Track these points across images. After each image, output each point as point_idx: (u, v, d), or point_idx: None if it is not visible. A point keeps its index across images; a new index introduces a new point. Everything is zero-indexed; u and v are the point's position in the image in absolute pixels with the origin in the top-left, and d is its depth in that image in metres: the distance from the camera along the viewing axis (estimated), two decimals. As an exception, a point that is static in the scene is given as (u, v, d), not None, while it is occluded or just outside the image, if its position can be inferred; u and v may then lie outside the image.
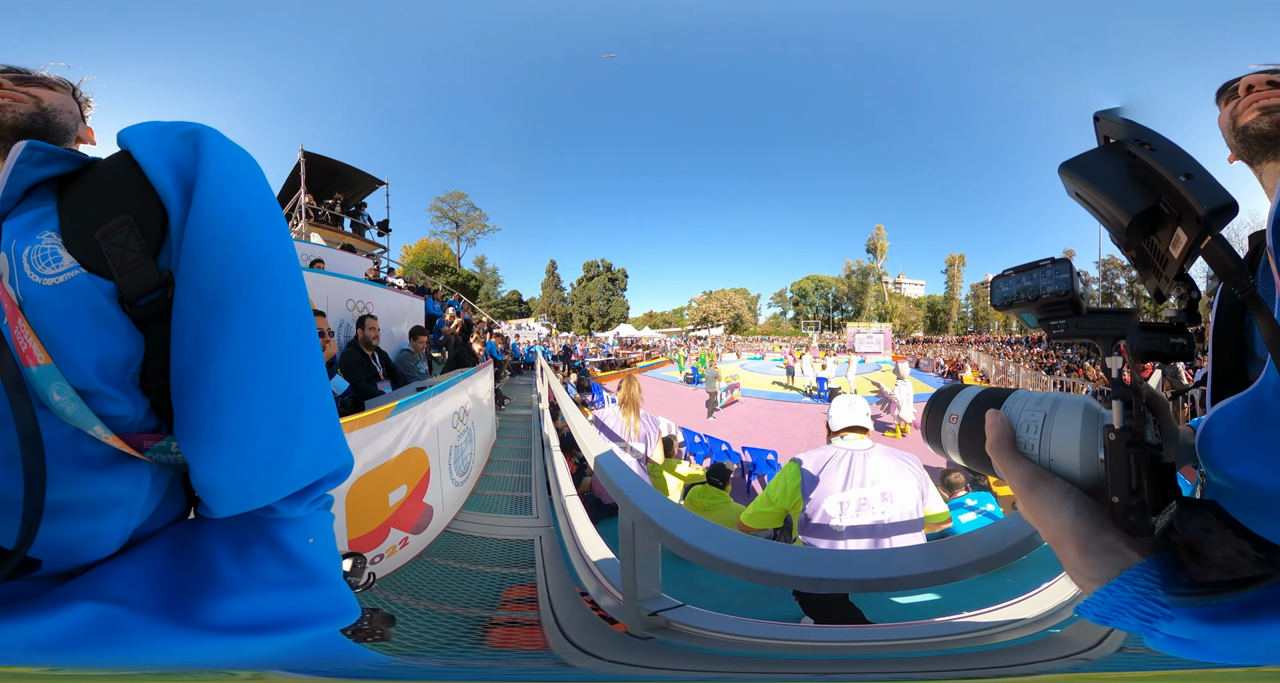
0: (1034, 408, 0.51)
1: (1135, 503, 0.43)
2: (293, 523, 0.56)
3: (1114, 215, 0.50)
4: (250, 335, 0.46)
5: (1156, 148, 0.49)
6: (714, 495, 3.73)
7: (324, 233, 12.10)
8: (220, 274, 0.46)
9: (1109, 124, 0.55)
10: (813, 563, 1.54)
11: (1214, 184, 0.46)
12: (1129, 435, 0.44)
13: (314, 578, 0.54)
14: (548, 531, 3.28)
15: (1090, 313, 0.51)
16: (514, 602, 2.51)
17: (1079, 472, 0.47)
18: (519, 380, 10.46)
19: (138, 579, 0.47)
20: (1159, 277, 0.53)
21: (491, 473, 4.65)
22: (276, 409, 0.48)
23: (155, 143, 0.47)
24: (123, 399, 0.47)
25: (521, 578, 2.75)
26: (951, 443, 0.57)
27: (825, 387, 15.38)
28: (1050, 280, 0.51)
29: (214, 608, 0.46)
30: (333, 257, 8.59)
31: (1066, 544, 0.45)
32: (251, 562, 0.51)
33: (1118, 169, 0.51)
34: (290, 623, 0.50)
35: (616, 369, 20.68)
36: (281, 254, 0.50)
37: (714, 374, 13.83)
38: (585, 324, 42.77)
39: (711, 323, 45.04)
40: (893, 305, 43.88)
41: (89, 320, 0.44)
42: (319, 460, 0.54)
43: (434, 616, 2.42)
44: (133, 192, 0.46)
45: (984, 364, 19.56)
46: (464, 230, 42.60)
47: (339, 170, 13.31)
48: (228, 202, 0.47)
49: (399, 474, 3.00)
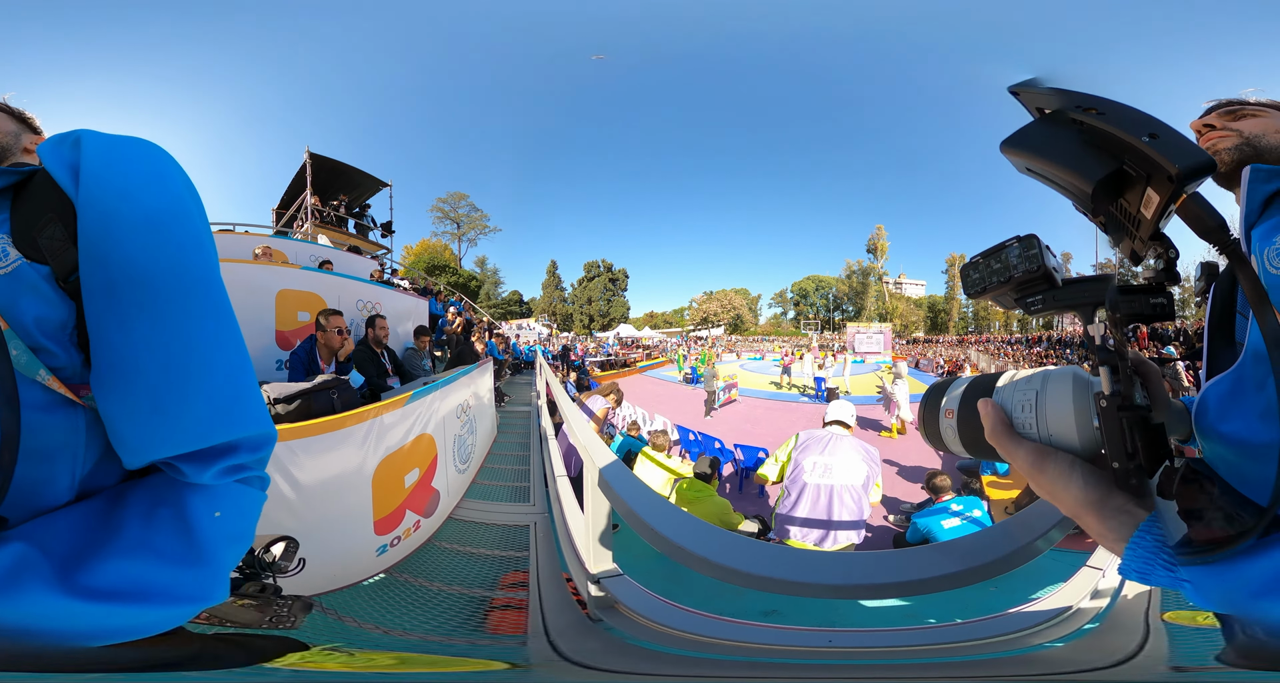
0: (1024, 388, 0.51)
1: (1134, 466, 0.44)
2: (204, 492, 0.57)
3: (1075, 184, 0.49)
4: (129, 289, 0.52)
5: (1106, 112, 0.48)
6: (700, 488, 3.94)
7: (329, 234, 12.17)
8: (101, 240, 0.52)
9: (1035, 95, 0.55)
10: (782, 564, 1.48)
11: (1183, 141, 0.45)
12: (1119, 400, 0.45)
13: (200, 556, 0.54)
14: (542, 517, 3.42)
15: (1066, 283, 0.50)
16: (510, 586, 2.65)
17: (1078, 442, 0.47)
18: (519, 379, 10.61)
19: (64, 529, 0.51)
20: (1133, 238, 0.52)
21: (492, 464, 4.80)
22: (157, 351, 0.53)
23: (53, 153, 0.55)
24: (60, 353, 0.55)
25: (518, 562, 2.88)
26: (953, 439, 0.56)
27: (823, 387, 15.55)
28: (1019, 259, 0.50)
29: (96, 569, 0.49)
30: (340, 258, 8.64)
31: (1085, 514, 0.46)
32: (153, 526, 0.54)
33: (1067, 137, 0.50)
34: (147, 595, 0.50)
35: (616, 369, 20.83)
36: (161, 216, 0.55)
37: (712, 374, 14.00)
38: (586, 324, 42.84)
39: (712, 323, 45.07)
40: (893, 306, 43.84)
41: (30, 295, 0.53)
42: (221, 418, 0.56)
43: (444, 596, 2.56)
44: (51, 194, 0.55)
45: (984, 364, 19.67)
46: (465, 231, 42.75)
47: (344, 172, 13.36)
48: (104, 179, 0.54)
49: (413, 458, 3.17)
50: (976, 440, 0.54)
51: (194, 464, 0.55)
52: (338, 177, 13.28)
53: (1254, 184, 0.58)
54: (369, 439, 2.76)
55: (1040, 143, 0.51)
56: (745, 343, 39.51)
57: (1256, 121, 0.70)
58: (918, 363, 24.72)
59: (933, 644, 1.55)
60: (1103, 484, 0.46)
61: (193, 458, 0.55)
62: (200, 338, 0.55)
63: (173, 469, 0.56)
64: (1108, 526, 0.45)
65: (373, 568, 2.75)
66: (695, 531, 1.57)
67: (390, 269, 12.42)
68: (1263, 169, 0.58)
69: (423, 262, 36.99)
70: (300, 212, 12.61)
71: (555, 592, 2.27)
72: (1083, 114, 0.50)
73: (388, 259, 13.89)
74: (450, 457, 3.79)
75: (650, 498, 1.79)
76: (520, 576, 2.70)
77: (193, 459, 0.55)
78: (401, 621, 2.30)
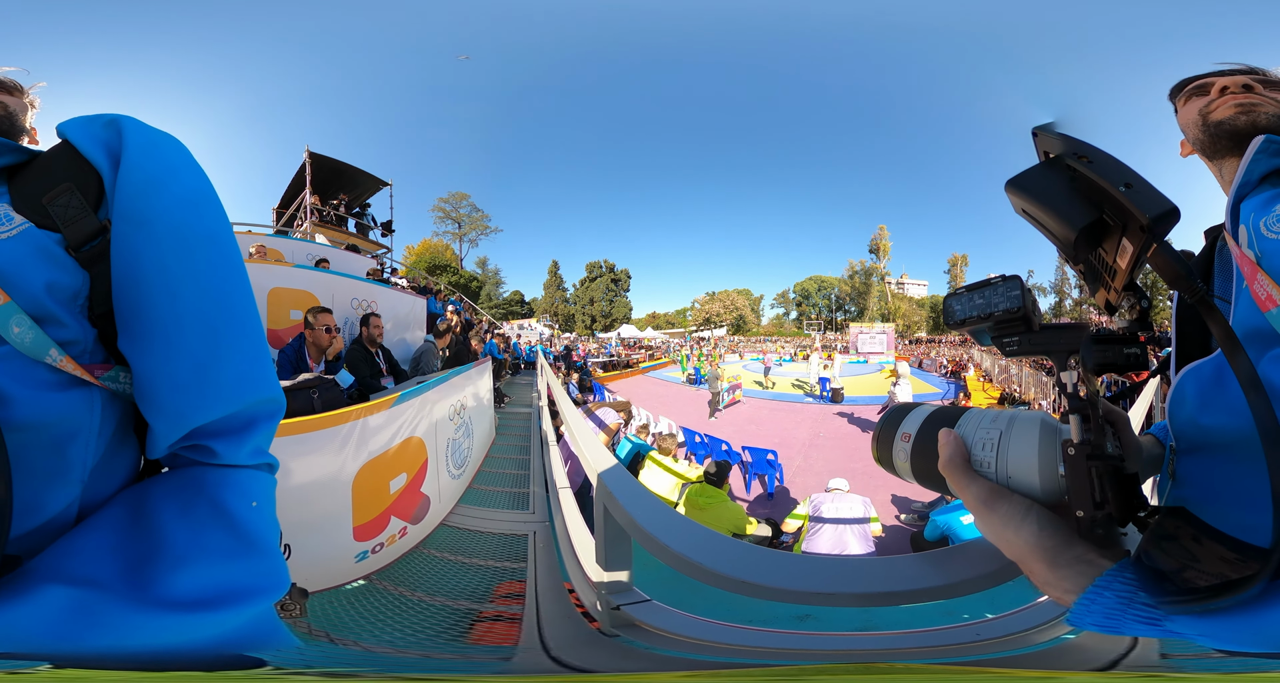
0: (989, 426, 0.51)
1: (1101, 516, 0.43)
2: (235, 485, 0.57)
3: (1061, 231, 0.50)
4: (172, 248, 0.54)
5: (1094, 161, 0.49)
6: (711, 494, 3.79)
7: (328, 233, 12.16)
8: (145, 204, 0.54)
9: (1047, 139, 0.55)
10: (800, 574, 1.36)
11: (1154, 192, 0.46)
12: (1088, 449, 0.44)
13: (253, 545, 0.54)
14: (543, 526, 3.32)
15: (1042, 328, 0.51)
16: (503, 597, 2.55)
17: (1039, 488, 0.47)
18: (520, 380, 10.52)
19: (97, 553, 0.48)
20: (1108, 289, 0.53)
21: (490, 469, 4.70)
22: (198, 309, 0.54)
23: (85, 129, 0.55)
24: (72, 324, 0.52)
25: (515, 573, 2.78)
26: (904, 463, 0.57)
27: (827, 387, 15.42)
28: (1002, 298, 0.51)
29: (167, 581, 0.47)
30: (337, 256, 8.62)
31: (1033, 560, 0.45)
32: (196, 526, 0.52)
33: (1060, 184, 0.51)
34: (233, 595, 0.50)
35: (619, 369, 20.72)
36: (199, 196, 0.57)
37: (715, 375, 13.87)
38: (588, 325, 42.81)
39: (714, 324, 45.01)
40: (895, 306, 43.77)
41: (39, 258, 0.51)
42: (248, 380, 0.58)
43: (424, 607, 2.45)
44: (71, 166, 0.54)
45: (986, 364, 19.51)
46: (466, 231, 42.79)
47: (344, 171, 13.34)
48: (149, 156, 0.55)
49: (399, 462, 3.06)
50: (928, 469, 0.54)
51: (228, 440, 0.56)
52: (338, 176, 13.26)
53: (1259, 155, 0.55)
54: (350, 442, 2.65)
55: (1034, 187, 0.52)
56: (748, 344, 39.40)
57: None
58: (920, 363, 24.60)
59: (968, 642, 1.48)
60: (1061, 533, 0.45)
61: (228, 438, 0.56)
62: (235, 301, 0.57)
63: (204, 451, 0.56)
64: (1059, 574, 0.43)
65: (350, 574, 2.65)
66: (709, 544, 1.47)
67: (390, 268, 12.33)
68: (1276, 140, 0.55)
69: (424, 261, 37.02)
70: (300, 211, 12.53)
71: (556, 604, 2.17)
72: (1075, 161, 0.50)
73: (387, 258, 13.87)
74: (443, 461, 3.70)
75: (658, 510, 1.65)
76: (516, 586, 2.60)
77: (228, 439, 0.56)
78: (375, 632, 2.21)
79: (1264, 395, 0.42)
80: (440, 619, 2.34)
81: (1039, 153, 0.58)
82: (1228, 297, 0.56)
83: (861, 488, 6.56)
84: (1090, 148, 0.51)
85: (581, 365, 17.51)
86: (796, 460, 8.16)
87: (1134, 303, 0.51)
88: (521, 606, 2.33)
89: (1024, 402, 11.93)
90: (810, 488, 6.76)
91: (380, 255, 13.24)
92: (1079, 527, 0.44)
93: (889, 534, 4.94)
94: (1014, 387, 14.46)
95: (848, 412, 12.57)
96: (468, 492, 4.09)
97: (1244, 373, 0.43)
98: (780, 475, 6.83)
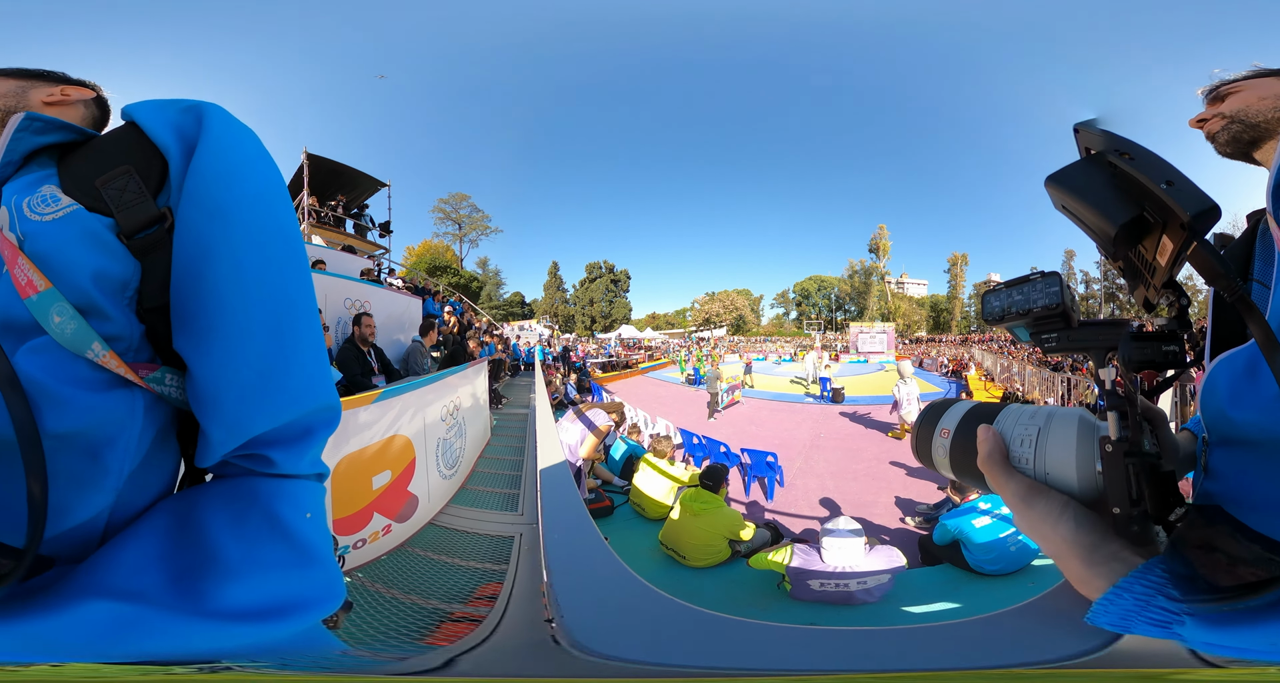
0: (1028, 422, 0.51)
1: (1137, 513, 0.43)
2: (289, 495, 0.55)
3: (1100, 227, 0.50)
4: (248, 242, 0.50)
5: (1136, 157, 0.49)
6: (707, 499, 3.70)
7: (326, 234, 12.13)
8: (223, 193, 0.50)
9: (1088, 135, 0.55)
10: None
11: (1195, 190, 0.46)
12: (1126, 446, 0.44)
13: (310, 557, 0.52)
14: (530, 528, 3.29)
15: (1081, 325, 0.51)
16: (480, 598, 2.52)
17: (1076, 485, 0.47)
18: (518, 381, 10.47)
19: (141, 563, 0.46)
20: (1147, 286, 0.54)
21: (484, 469, 4.67)
22: (269, 309, 0.51)
23: (158, 112, 0.52)
24: (119, 318, 0.49)
25: (499, 575, 2.74)
26: (943, 458, 0.57)
27: (828, 387, 15.35)
28: (1040, 294, 0.51)
29: (220, 593, 0.46)
30: (334, 258, 8.62)
31: (1069, 558, 0.45)
32: (250, 538, 0.50)
33: (1101, 180, 0.51)
34: (290, 607, 0.49)
35: (618, 370, 20.67)
36: (277, 192, 0.55)
37: (715, 375, 13.79)
38: (588, 326, 42.78)
39: (714, 324, 44.98)
40: (896, 305, 43.74)
41: (87, 243, 0.47)
42: (312, 386, 0.55)
43: (397, 605, 2.41)
44: (134, 149, 0.51)
45: (988, 363, 19.44)
46: (466, 232, 42.77)
47: (342, 172, 13.32)
48: (231, 144, 0.52)
49: (383, 459, 3.05)
50: (966, 464, 0.54)
51: (287, 450, 0.54)
52: (336, 177, 13.23)
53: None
54: None
55: (1075, 183, 0.52)
56: (748, 344, 39.36)
57: (1236, 98, 0.70)
58: (921, 362, 24.57)
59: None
60: (1098, 530, 0.45)
61: (289, 447, 0.54)
62: (303, 304, 0.55)
63: (260, 461, 0.54)
64: (1094, 571, 0.43)
65: None
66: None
67: (388, 269, 12.28)
68: None
69: (424, 262, 37.03)
70: (297, 212, 12.48)
71: (524, 607, 2.12)
72: (1117, 158, 0.49)
73: (385, 259, 13.80)
74: (432, 460, 3.68)
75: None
76: (497, 588, 2.57)
77: (289, 448, 0.54)
78: (347, 630, 2.17)
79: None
80: (405, 618, 2.31)
81: (1080, 149, 0.57)
82: (1267, 281, 0.56)
83: (864, 489, 6.48)
84: (1132, 144, 0.50)
85: (580, 366, 17.45)
86: (797, 462, 8.07)
87: (1173, 300, 0.51)
88: (491, 607, 2.30)
89: (1028, 400, 11.85)
90: (811, 491, 6.66)
91: (378, 256, 13.20)
92: (1114, 524, 0.44)
93: (894, 537, 4.86)
94: (1016, 385, 14.38)
95: (849, 412, 12.49)
96: (460, 492, 4.06)
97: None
98: (780, 478, 6.74)
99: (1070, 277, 36.67)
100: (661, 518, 3.98)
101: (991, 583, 3.36)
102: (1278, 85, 0.69)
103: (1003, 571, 3.37)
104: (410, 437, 3.34)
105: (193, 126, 0.51)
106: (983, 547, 3.40)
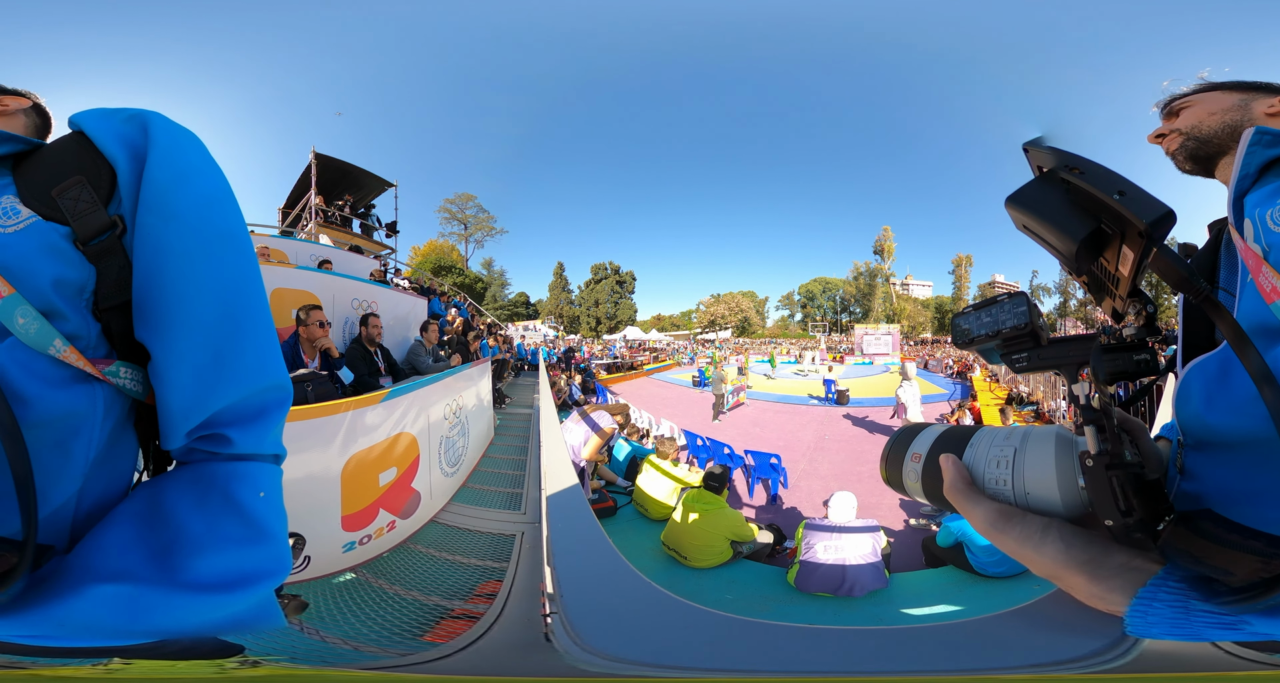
0: (1003, 444, 0.50)
1: (1133, 521, 0.42)
2: (244, 476, 0.59)
3: (1061, 244, 0.51)
4: (198, 240, 0.55)
5: (1085, 171, 0.49)
6: (709, 500, 3.71)
7: (333, 234, 12.20)
8: (175, 198, 0.55)
9: (1038, 153, 0.55)
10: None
11: (1148, 197, 0.46)
12: (1107, 459, 0.44)
13: (262, 532, 0.57)
14: (532, 527, 3.30)
15: (1051, 342, 0.51)
16: (480, 596, 2.54)
17: (1060, 501, 0.46)
18: (522, 381, 10.50)
19: (123, 546, 0.50)
20: (1113, 297, 0.54)
21: (486, 468, 4.69)
22: (220, 298, 0.56)
23: (104, 122, 0.56)
24: (76, 319, 0.52)
25: (499, 573, 2.76)
26: (915, 484, 0.57)
27: (832, 389, 15.30)
28: (1009, 314, 0.51)
29: (189, 566, 0.50)
30: (340, 257, 8.63)
31: (1070, 575, 0.44)
32: (212, 517, 0.54)
33: (1056, 198, 0.51)
34: (245, 579, 0.52)
35: (623, 371, 20.66)
36: (222, 192, 0.59)
37: (720, 377, 13.77)
38: (593, 327, 42.79)
39: (719, 326, 44.89)
40: (900, 307, 43.49)
41: (47, 254, 0.51)
42: (263, 365, 0.59)
43: (398, 601, 2.45)
44: (84, 159, 0.55)
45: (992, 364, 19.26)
46: (472, 232, 42.84)
47: (349, 172, 13.40)
48: (178, 153, 0.56)
49: (389, 456, 3.10)
50: (937, 491, 0.54)
51: (243, 429, 0.58)
52: (343, 177, 13.31)
53: (1254, 147, 0.55)
54: (339, 434, 2.71)
55: (1032, 202, 0.53)
56: (754, 346, 39.25)
57: (1189, 113, 0.71)
58: (926, 364, 24.44)
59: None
60: (1095, 544, 0.45)
61: (240, 421, 0.57)
62: (252, 293, 0.59)
63: (220, 441, 0.58)
64: (1107, 584, 0.43)
65: (337, 565, 2.69)
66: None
67: (394, 269, 12.34)
68: (1267, 132, 0.54)
69: (430, 262, 37.12)
70: (305, 211, 12.56)
71: (522, 605, 2.16)
72: (1068, 173, 0.50)
73: (392, 259, 13.87)
74: (435, 458, 3.72)
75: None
76: (497, 585, 2.59)
77: (246, 427, 0.58)
78: (341, 622, 2.20)
79: (1277, 389, 0.42)
80: (407, 614, 2.34)
81: (1032, 168, 0.57)
82: (1233, 290, 0.56)
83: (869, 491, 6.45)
84: (1080, 159, 0.51)
85: (585, 367, 17.46)
86: (801, 464, 8.07)
87: (1140, 308, 0.52)
88: (489, 605, 2.32)
89: (1032, 401, 11.76)
90: (815, 493, 6.65)
91: (384, 256, 13.26)
92: (1113, 535, 0.43)
93: (899, 538, 4.87)
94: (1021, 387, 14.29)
95: (854, 414, 12.45)
96: (462, 490, 4.09)
97: (1255, 368, 0.42)
98: (784, 480, 6.74)
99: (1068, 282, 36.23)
100: (664, 519, 4.00)
101: (994, 585, 3.37)
102: (1225, 100, 0.70)
103: (1006, 573, 3.38)
104: (415, 434, 3.39)
105: (139, 136, 0.55)
106: (986, 549, 3.41)
